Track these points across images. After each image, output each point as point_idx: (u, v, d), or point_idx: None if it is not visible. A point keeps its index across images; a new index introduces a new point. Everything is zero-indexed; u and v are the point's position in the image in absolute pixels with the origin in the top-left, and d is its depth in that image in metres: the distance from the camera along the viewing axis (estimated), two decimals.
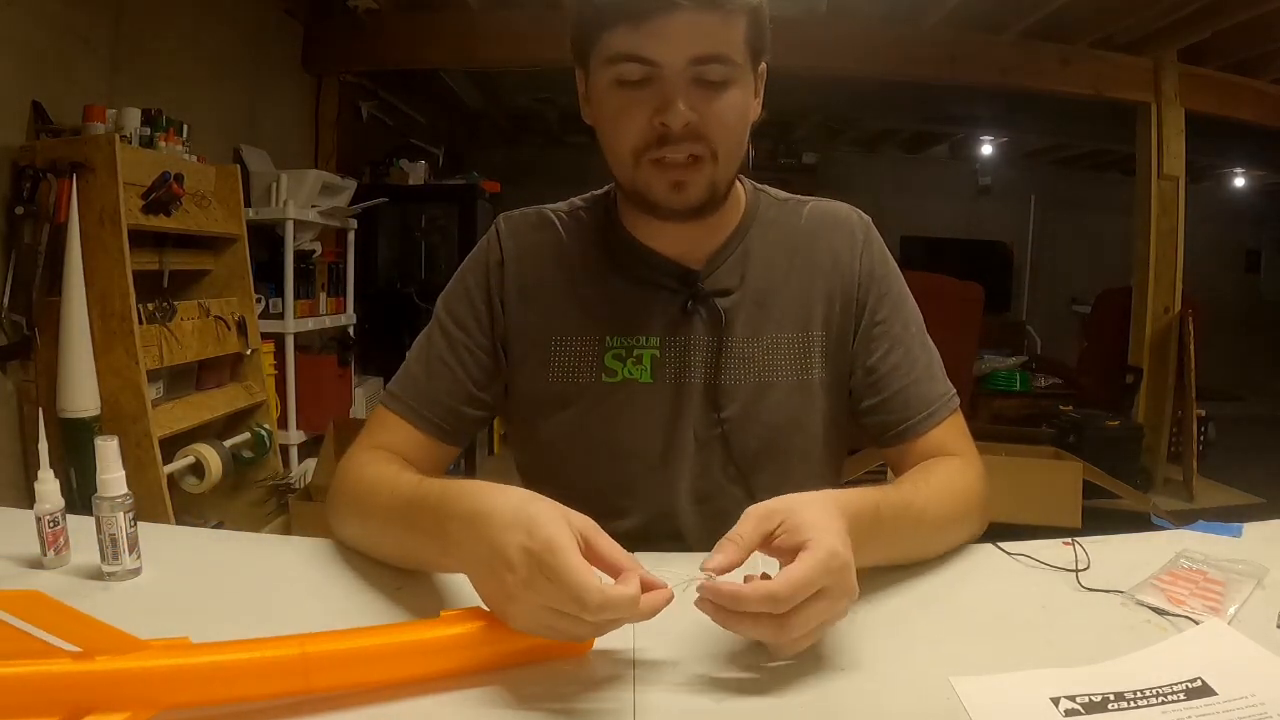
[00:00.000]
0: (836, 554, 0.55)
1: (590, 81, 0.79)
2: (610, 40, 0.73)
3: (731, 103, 0.75)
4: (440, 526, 0.62)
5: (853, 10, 3.59)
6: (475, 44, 3.73)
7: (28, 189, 1.98)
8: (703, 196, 0.78)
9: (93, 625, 0.51)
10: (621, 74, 0.73)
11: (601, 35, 0.74)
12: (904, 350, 0.87)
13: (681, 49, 0.71)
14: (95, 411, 2.01)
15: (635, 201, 0.80)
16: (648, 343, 0.84)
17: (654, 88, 0.73)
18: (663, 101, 0.73)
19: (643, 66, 0.72)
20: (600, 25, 0.73)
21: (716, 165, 0.77)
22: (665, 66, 0.72)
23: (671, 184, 0.76)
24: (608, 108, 0.76)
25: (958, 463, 0.83)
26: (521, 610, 0.54)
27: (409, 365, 0.87)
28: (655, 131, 0.74)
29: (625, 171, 0.78)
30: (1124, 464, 3.56)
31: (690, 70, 0.72)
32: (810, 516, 0.57)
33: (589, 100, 0.80)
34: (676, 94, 0.72)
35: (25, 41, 2.12)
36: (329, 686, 0.52)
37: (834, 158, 6.43)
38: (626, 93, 0.74)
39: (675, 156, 0.75)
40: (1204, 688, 0.53)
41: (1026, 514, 2.72)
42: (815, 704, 0.53)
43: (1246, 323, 6.70)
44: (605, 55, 0.74)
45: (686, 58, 0.72)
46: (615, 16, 0.72)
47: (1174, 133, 3.95)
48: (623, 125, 0.75)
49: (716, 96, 0.74)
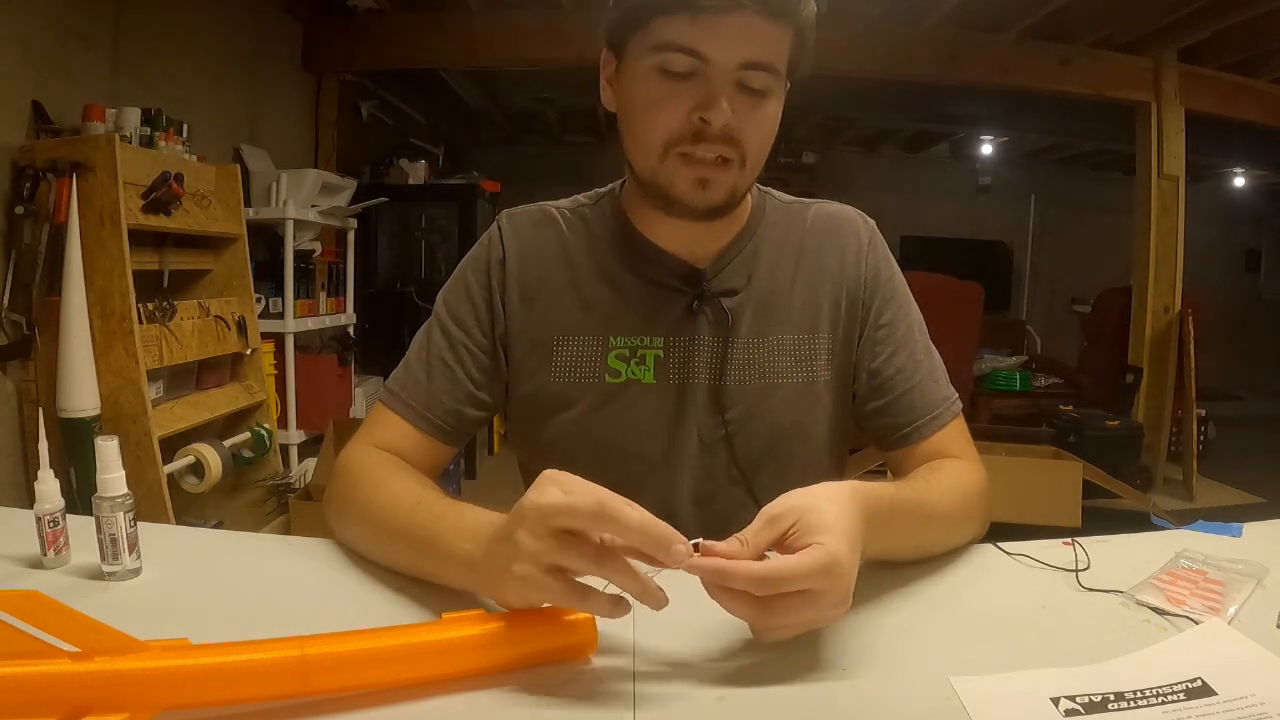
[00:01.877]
0: (839, 561, 0.54)
1: (625, 66, 0.77)
2: (663, 27, 0.72)
3: (768, 112, 0.75)
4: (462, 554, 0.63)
5: (853, 10, 3.59)
6: (475, 44, 3.74)
7: (28, 189, 1.98)
8: (724, 199, 0.77)
9: (92, 625, 0.51)
10: (667, 63, 0.72)
11: (654, 20, 0.72)
12: (908, 354, 0.87)
13: (735, 50, 0.71)
14: (95, 411, 2.01)
15: (652, 194, 0.79)
16: (652, 343, 0.84)
17: (698, 83, 0.72)
18: (707, 98, 0.72)
19: (691, 59, 0.71)
20: (656, 10, 0.72)
21: (743, 171, 0.76)
22: (715, 64, 0.71)
23: (696, 180, 0.76)
24: (644, 94, 0.75)
25: (961, 465, 0.83)
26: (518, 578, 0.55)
27: (409, 363, 0.87)
28: (693, 126, 0.73)
29: (649, 162, 0.77)
30: (1124, 464, 3.57)
31: (738, 73, 0.72)
32: (825, 519, 0.56)
33: (617, 84, 0.79)
34: (721, 93, 0.72)
35: (25, 41, 2.12)
36: (329, 688, 0.52)
37: (834, 158, 6.43)
38: (669, 83, 0.73)
39: (705, 155, 0.74)
40: (1204, 688, 0.53)
41: (1026, 514, 2.72)
42: (815, 704, 0.53)
43: (1246, 323, 6.70)
44: (653, 41, 0.73)
45: (738, 60, 0.71)
46: (675, 4, 0.70)
47: (1174, 133, 3.95)
48: (659, 115, 0.74)
49: (757, 104, 0.74)
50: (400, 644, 0.54)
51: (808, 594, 0.54)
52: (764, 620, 0.55)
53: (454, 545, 0.64)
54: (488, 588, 0.60)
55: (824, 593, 0.54)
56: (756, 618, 0.55)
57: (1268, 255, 7.14)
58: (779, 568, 0.53)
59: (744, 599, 0.54)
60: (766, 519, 0.58)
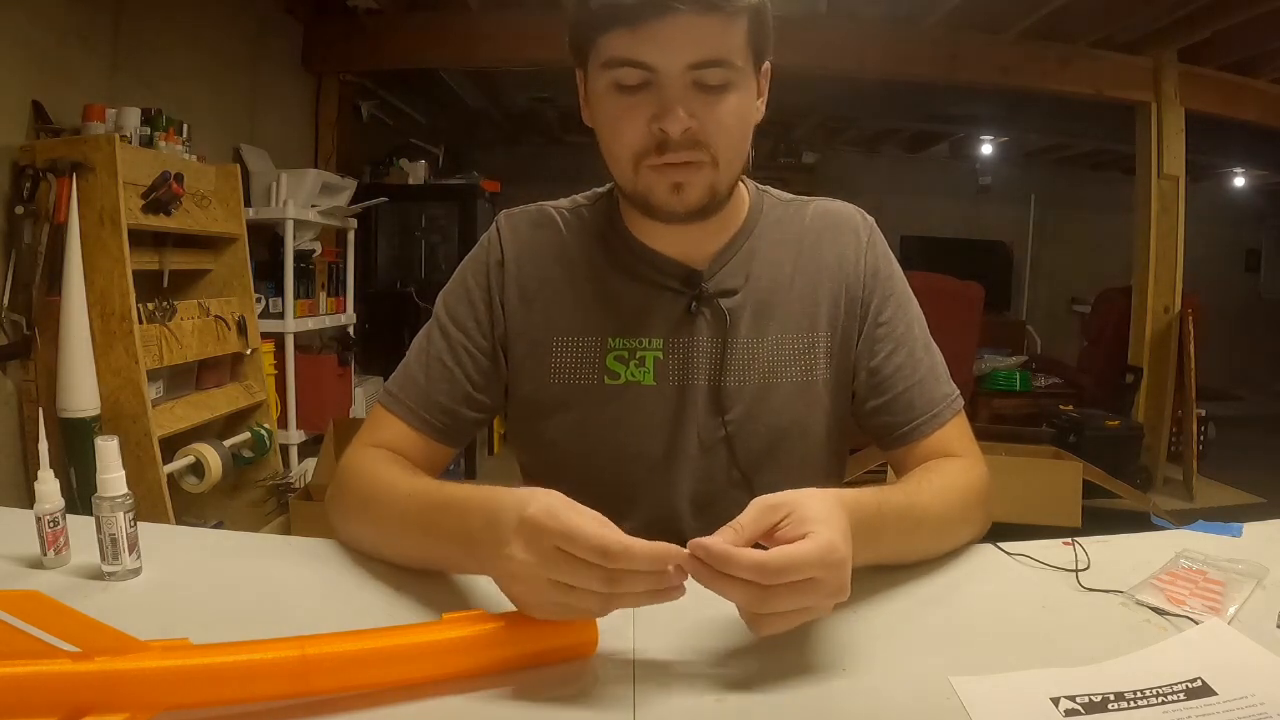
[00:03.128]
0: (836, 548, 0.55)
1: (589, 85, 0.78)
2: (606, 44, 0.72)
3: (731, 107, 0.74)
4: (465, 531, 0.63)
5: (853, 10, 3.58)
6: (475, 44, 3.74)
7: (28, 189, 1.98)
8: (702, 199, 0.77)
9: (92, 625, 0.51)
10: (619, 79, 0.72)
11: (598, 39, 0.72)
12: (907, 352, 0.86)
13: (679, 54, 0.70)
14: (95, 411, 2.01)
15: (636, 204, 0.80)
16: (651, 344, 0.84)
17: (652, 93, 0.72)
18: (660, 108, 0.72)
19: (640, 71, 0.71)
20: (596, 28, 0.72)
21: (717, 170, 0.76)
22: (662, 72, 0.71)
23: (671, 186, 0.76)
24: (606, 112, 0.75)
25: (960, 463, 0.83)
26: (528, 589, 0.55)
27: (408, 365, 0.87)
28: (654, 137, 0.73)
29: (625, 175, 0.78)
30: (1124, 464, 3.57)
31: (689, 75, 0.71)
32: (816, 511, 0.57)
33: (588, 102, 0.80)
34: (675, 100, 0.71)
35: (25, 41, 2.12)
36: (329, 688, 0.52)
37: (834, 157, 6.43)
38: (624, 98, 0.73)
39: (673, 161, 0.74)
40: (1204, 688, 0.53)
41: (1026, 514, 2.72)
42: (815, 704, 0.53)
43: (1246, 323, 6.70)
44: (602, 59, 0.73)
45: (685, 63, 0.70)
46: (610, 20, 0.70)
47: (1174, 133, 3.95)
48: (621, 130, 0.74)
49: (717, 101, 0.73)
50: (400, 644, 0.54)
51: (808, 582, 0.54)
52: (761, 607, 0.54)
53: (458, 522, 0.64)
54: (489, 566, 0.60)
55: (823, 581, 0.54)
56: (757, 604, 0.54)
57: (1268, 255, 7.13)
58: (784, 556, 0.53)
59: (741, 586, 0.54)
60: (760, 508, 0.58)
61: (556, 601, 0.55)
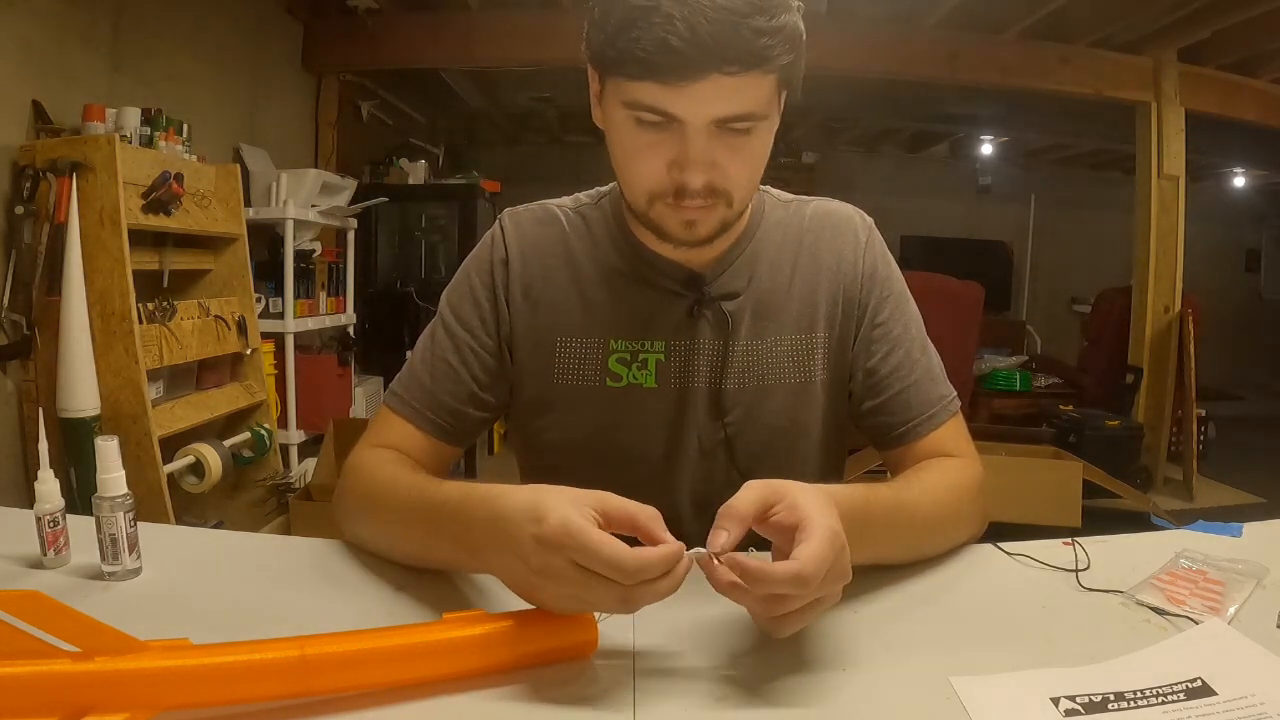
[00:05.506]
0: (837, 533, 0.55)
1: (605, 100, 0.74)
2: (632, 87, 0.68)
3: (754, 151, 0.72)
4: (466, 531, 0.63)
5: (853, 10, 3.59)
6: (475, 44, 3.73)
7: (28, 189, 1.99)
8: (714, 232, 0.77)
9: (92, 625, 0.51)
10: (641, 117, 0.70)
11: (623, 81, 0.69)
12: (904, 352, 0.86)
13: (708, 109, 0.67)
14: (95, 411, 2.01)
15: (646, 227, 0.79)
16: (653, 347, 0.84)
17: (674, 135, 0.69)
18: (683, 157, 0.70)
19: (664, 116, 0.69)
20: (623, 71, 0.68)
21: (731, 209, 0.75)
22: (690, 125, 0.68)
23: (684, 223, 0.75)
24: (622, 142, 0.73)
25: (953, 462, 0.82)
26: (549, 597, 0.56)
27: (413, 365, 0.87)
28: (673, 182, 0.71)
29: (638, 203, 0.76)
30: (1124, 464, 3.57)
31: (715, 124, 0.69)
32: (807, 499, 0.57)
33: (601, 108, 0.77)
34: (699, 153, 0.69)
35: (25, 41, 2.12)
36: (329, 688, 0.52)
37: (834, 158, 6.42)
38: (644, 134, 0.70)
39: (690, 204, 0.73)
40: (1204, 688, 0.53)
41: (1026, 514, 2.72)
42: (815, 704, 0.53)
43: (1246, 322, 6.70)
44: (624, 97, 0.69)
45: (712, 118, 0.68)
46: (641, 73, 0.67)
47: (1174, 132, 3.95)
48: (639, 166, 0.73)
49: (741, 146, 0.71)
50: (400, 644, 0.54)
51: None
52: (781, 609, 0.54)
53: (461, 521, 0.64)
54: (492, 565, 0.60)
55: (833, 568, 0.54)
56: (775, 609, 0.54)
57: (1268, 255, 7.13)
58: (813, 558, 0.53)
59: (782, 599, 0.53)
60: (756, 490, 0.58)
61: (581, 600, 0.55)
